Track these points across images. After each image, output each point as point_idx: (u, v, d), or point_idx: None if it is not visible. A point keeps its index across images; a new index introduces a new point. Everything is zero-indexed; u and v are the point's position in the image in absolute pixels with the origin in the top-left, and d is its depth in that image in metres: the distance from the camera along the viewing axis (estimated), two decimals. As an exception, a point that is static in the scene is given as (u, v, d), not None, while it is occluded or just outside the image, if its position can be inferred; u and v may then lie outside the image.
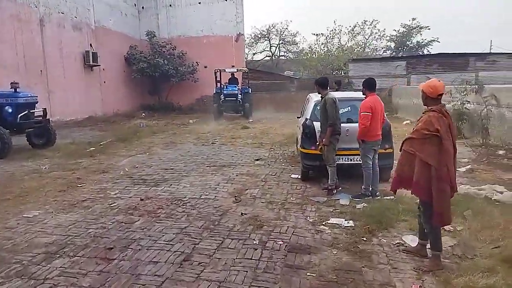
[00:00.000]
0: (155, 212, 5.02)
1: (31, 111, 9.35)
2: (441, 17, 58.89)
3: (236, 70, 19.27)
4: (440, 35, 52.58)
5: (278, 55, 40.56)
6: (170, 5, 23.03)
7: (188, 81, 21.87)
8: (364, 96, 5.49)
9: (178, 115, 19.95)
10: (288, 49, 40.39)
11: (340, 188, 5.91)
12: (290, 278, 3.30)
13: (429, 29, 40.06)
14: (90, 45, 18.26)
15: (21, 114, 9.00)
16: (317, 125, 6.13)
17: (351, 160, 6.14)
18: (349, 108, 6.37)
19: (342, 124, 5.80)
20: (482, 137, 9.19)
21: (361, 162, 5.80)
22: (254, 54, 40.40)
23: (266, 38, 39.42)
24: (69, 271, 3.44)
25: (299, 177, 6.83)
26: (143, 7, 23.30)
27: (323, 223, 4.61)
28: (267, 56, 40.57)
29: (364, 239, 4.09)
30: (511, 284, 3.01)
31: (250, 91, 19.20)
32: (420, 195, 3.47)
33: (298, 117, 8.56)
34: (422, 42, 41.34)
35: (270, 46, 39.91)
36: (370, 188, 5.48)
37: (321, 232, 4.32)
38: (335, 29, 34.14)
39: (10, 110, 8.88)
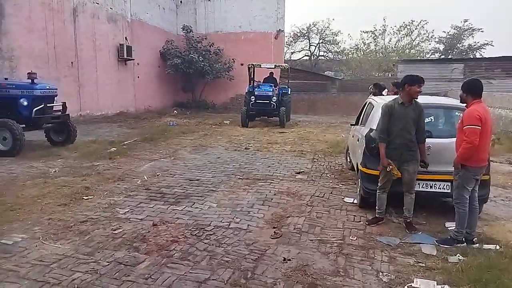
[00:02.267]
0: (167, 249, 3.75)
1: (48, 104, 8.43)
2: (495, 18, 54.47)
3: (274, 66, 16.28)
4: (493, 38, 48.59)
5: (317, 55, 38.72)
6: (209, 0, 22.04)
7: (224, 78, 20.75)
8: (464, 104, 3.95)
9: (211, 114, 18.86)
10: (328, 48, 38.41)
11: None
12: None
13: (482, 31, 37.09)
14: (125, 38, 17.53)
15: (37, 108, 8.10)
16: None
17: (431, 187, 4.61)
18: (431, 118, 4.82)
19: None
20: None
21: (444, 191, 4.33)
22: (292, 53, 38.82)
23: (305, 37, 37.71)
24: None
25: (355, 202, 5.37)
26: (181, 1, 22.41)
27: (405, 286, 3.15)
28: (305, 55, 38.85)
29: (481, 328, 2.60)
30: None
31: (289, 92, 16.25)
32: None
33: (352, 125, 7.08)
34: (474, 45, 38.33)
35: (310, 45, 38.15)
36: (464, 232, 3.93)
37: (406, 307, 2.87)
38: (383, 27, 31.81)
39: (25, 103, 7.99)
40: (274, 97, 14.84)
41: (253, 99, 14.58)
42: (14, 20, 11.61)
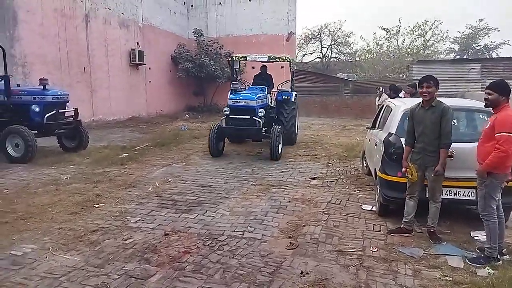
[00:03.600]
0: (179, 260, 3.61)
1: (60, 110, 8.43)
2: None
3: (267, 58, 10.45)
4: (510, 38, 47.54)
5: (329, 56, 38.43)
6: (220, 3, 22.00)
7: (235, 82, 20.67)
8: (490, 107, 3.69)
9: (223, 118, 18.74)
10: (341, 50, 38.14)
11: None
12: None
13: (498, 31, 36.40)
14: (137, 43, 17.62)
15: (49, 114, 8.09)
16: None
17: (455, 194, 4.37)
18: (454, 121, 4.58)
19: None
20: None
21: (469, 198, 4.09)
22: (304, 55, 38.69)
23: (317, 39, 37.50)
24: None
25: (374, 209, 5.15)
26: (192, 6, 22.47)
27: (433, 304, 2.94)
28: (317, 57, 38.62)
29: None
30: None
31: (294, 98, 10.54)
32: None
33: (368, 128, 6.86)
34: (490, 45, 37.58)
35: (321, 47, 37.93)
36: (497, 246, 3.65)
37: (435, 327, 2.66)
38: (397, 27, 31.29)
39: (37, 110, 7.98)
40: (260, 109, 8.80)
41: (227, 112, 8.83)
42: (27, 26, 11.71)
